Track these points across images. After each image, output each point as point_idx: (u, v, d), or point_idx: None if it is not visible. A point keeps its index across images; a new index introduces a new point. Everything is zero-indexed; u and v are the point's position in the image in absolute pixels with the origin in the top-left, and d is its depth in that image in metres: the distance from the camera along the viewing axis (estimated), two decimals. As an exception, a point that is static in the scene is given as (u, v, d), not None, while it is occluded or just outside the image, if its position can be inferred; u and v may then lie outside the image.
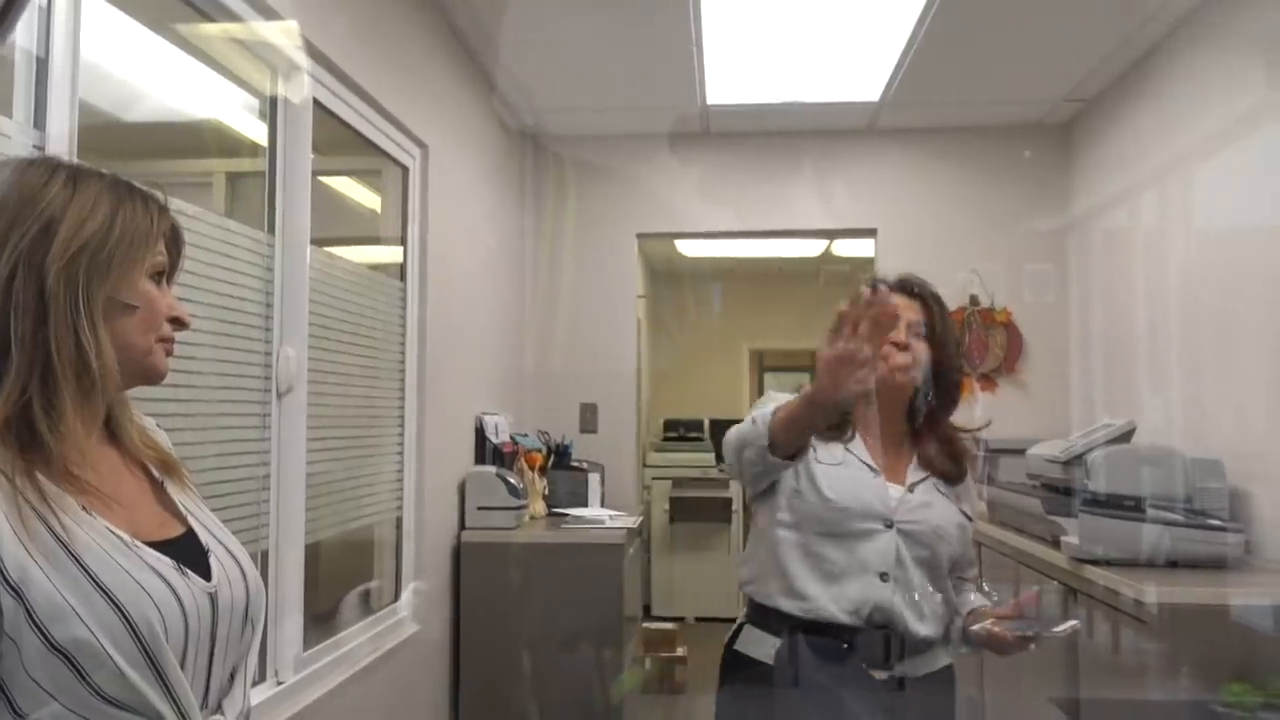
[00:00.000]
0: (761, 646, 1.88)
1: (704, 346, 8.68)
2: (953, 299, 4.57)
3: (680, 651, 5.04)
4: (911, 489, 1.90)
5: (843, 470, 1.88)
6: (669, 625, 5.22)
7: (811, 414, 1.68)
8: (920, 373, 1.91)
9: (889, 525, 1.85)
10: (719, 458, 7.21)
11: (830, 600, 1.83)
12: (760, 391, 9.64)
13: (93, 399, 1.03)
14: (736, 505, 6.62)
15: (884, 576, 1.84)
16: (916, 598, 1.85)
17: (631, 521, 3.91)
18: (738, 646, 1.94)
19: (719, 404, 8.44)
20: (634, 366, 4.98)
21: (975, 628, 1.85)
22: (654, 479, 6.76)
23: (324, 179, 2.85)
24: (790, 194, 4.74)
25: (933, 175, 4.72)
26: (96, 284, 1.02)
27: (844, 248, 6.42)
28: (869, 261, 4.92)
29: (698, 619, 6.40)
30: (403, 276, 3.23)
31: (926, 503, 1.89)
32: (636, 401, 5.14)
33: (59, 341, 0.99)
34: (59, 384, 0.99)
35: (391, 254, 3.26)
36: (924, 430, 1.95)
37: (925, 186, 4.72)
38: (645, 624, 5.11)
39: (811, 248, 6.66)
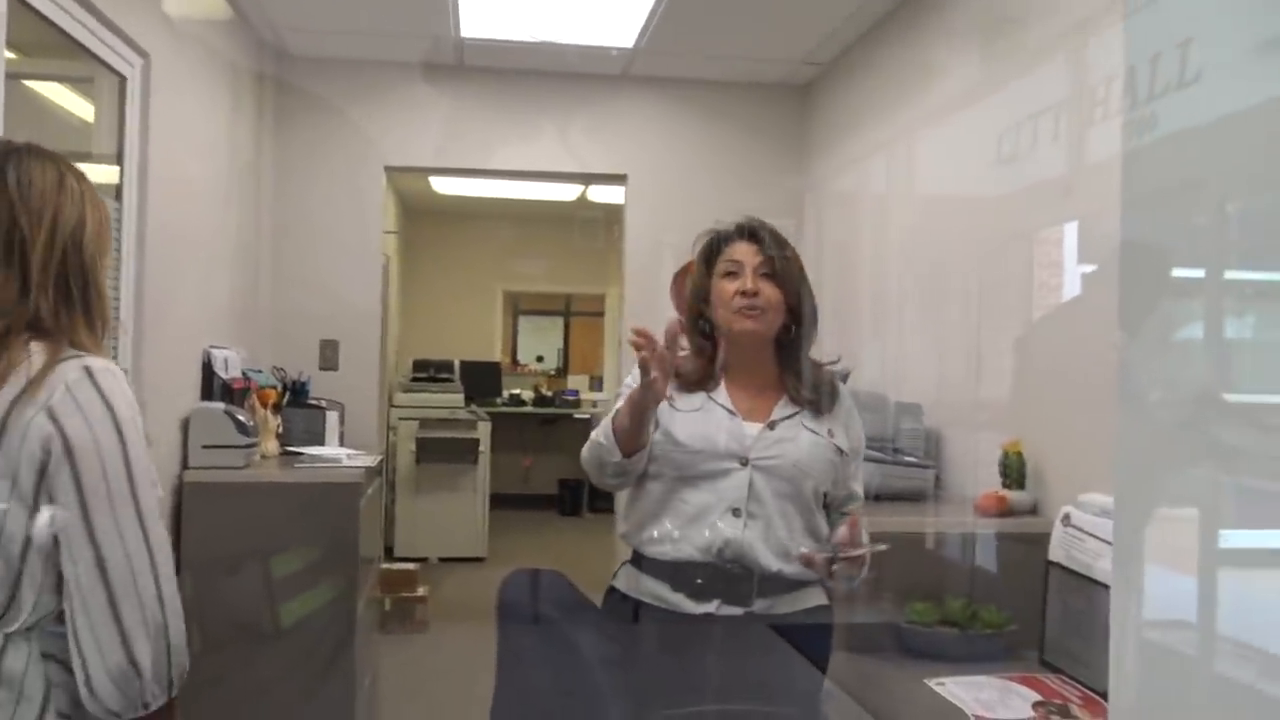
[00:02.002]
0: (632, 584, 1.92)
1: (457, 287, 8.57)
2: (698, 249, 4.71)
3: (421, 591, 5.01)
4: (772, 425, 1.91)
5: (699, 415, 1.90)
6: (410, 565, 5.17)
7: (640, 413, 1.80)
8: (773, 315, 1.92)
9: (744, 463, 1.86)
10: (469, 399, 7.19)
11: (686, 540, 1.86)
12: (514, 334, 9.65)
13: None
14: (484, 446, 6.62)
15: (736, 512, 1.85)
16: (775, 534, 1.86)
17: (371, 461, 3.83)
18: (615, 580, 1.97)
19: (471, 346, 8.39)
20: (379, 304, 4.84)
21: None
22: (400, 419, 6.64)
23: (25, 83, 2.57)
24: (543, 136, 4.72)
25: (683, 126, 4.82)
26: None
27: (598, 194, 6.47)
28: (620, 209, 4.99)
29: (441, 559, 6.38)
30: (119, 196, 2.97)
31: (789, 438, 1.90)
32: (382, 340, 5.00)
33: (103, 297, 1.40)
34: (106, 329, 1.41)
35: (108, 172, 2.99)
36: (787, 366, 1.96)
37: (675, 137, 4.82)
38: (385, 565, 5.03)
39: (567, 192, 6.66)
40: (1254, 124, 0.91)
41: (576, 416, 8.30)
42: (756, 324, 1.92)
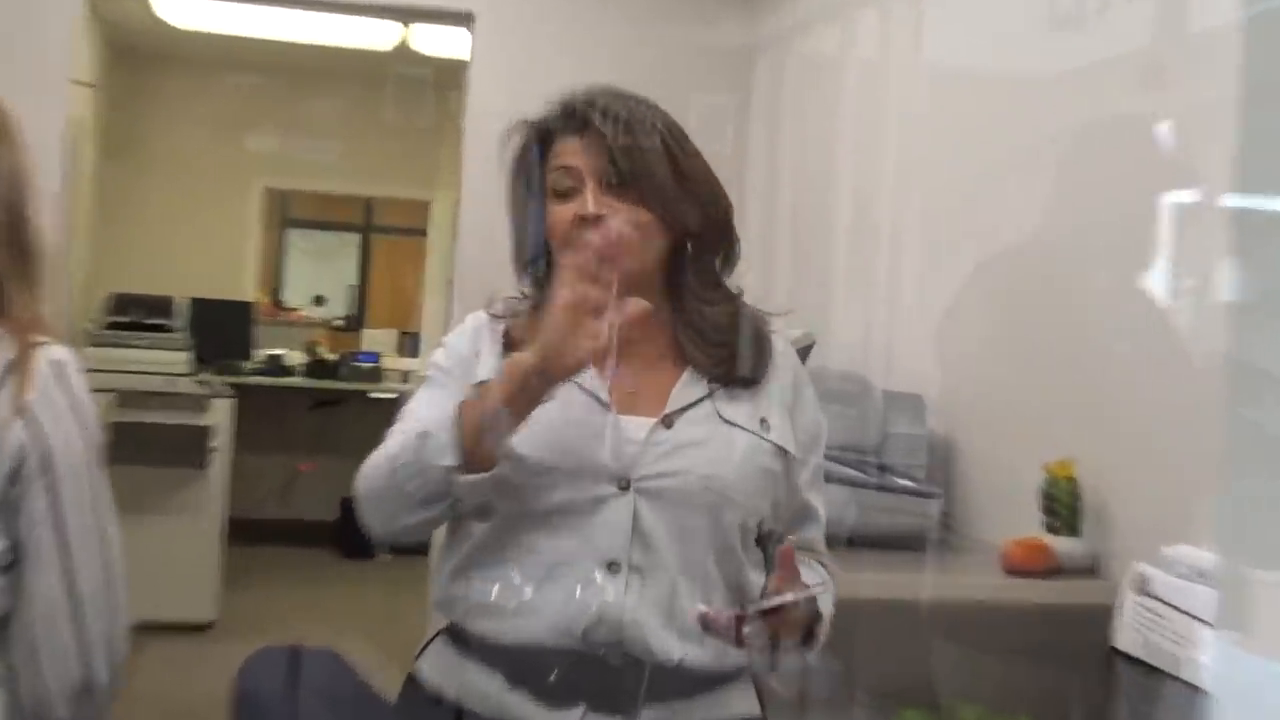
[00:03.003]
0: (447, 675, 1.91)
1: (189, 179, 8.39)
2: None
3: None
4: (669, 421, 1.88)
5: (552, 410, 1.84)
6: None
7: (537, 393, 1.75)
8: (638, 247, 1.85)
9: (625, 485, 1.84)
10: (200, 361, 7.04)
11: (534, 611, 1.84)
12: (279, 258, 9.47)
13: None
14: (221, 439, 6.48)
15: (613, 567, 1.83)
16: (676, 599, 1.84)
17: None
18: (420, 665, 1.98)
19: (206, 275, 8.24)
20: (60, 203, 4.69)
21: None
22: (91, 389, 6.45)
23: None
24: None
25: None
26: None
27: (426, 41, 6.42)
28: (461, 67, 4.96)
29: (143, 625, 6.22)
30: None
31: (696, 439, 1.88)
32: (66, 262, 4.86)
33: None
34: None
35: None
36: (688, 318, 1.93)
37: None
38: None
39: (376, 35, 6.61)
40: None
41: (374, 396, 8.20)
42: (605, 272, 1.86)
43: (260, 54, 7.71)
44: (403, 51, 6.72)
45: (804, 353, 3.29)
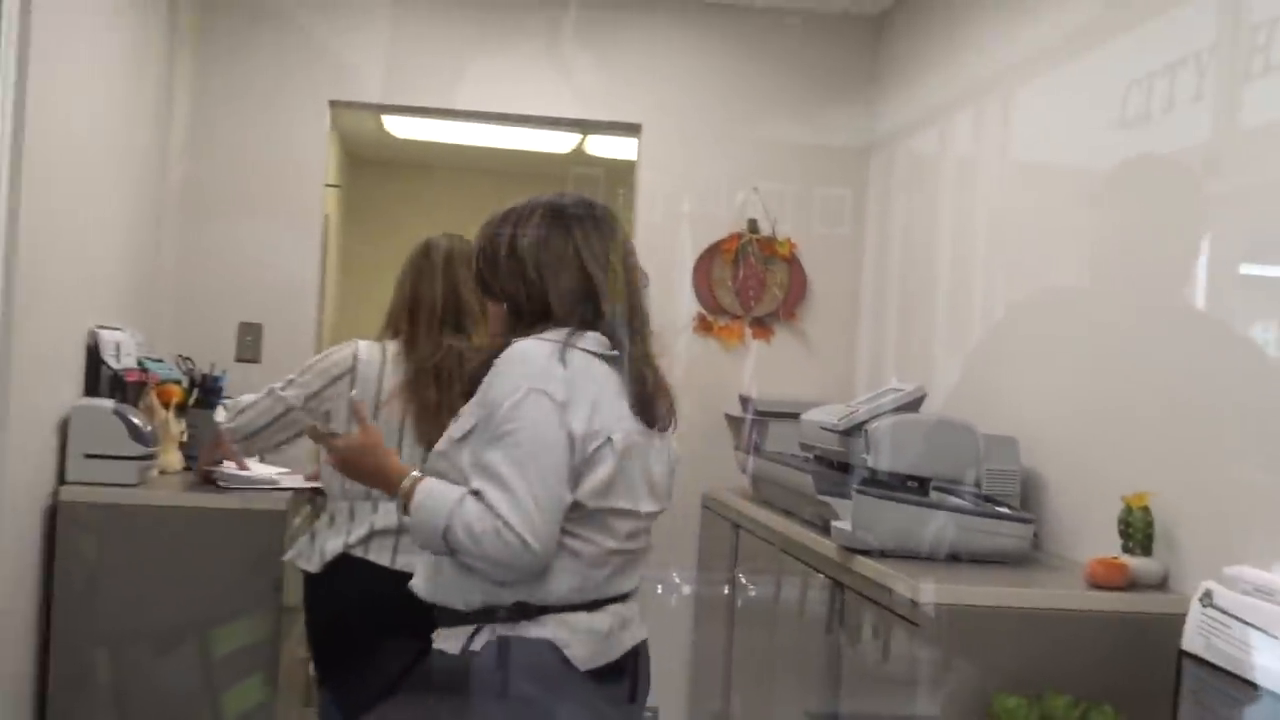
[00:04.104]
0: None
1: (414, 257, 8.53)
2: (728, 221, 4.74)
3: (357, 651, 5.00)
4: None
5: None
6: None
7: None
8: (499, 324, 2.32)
9: None
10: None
11: None
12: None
13: None
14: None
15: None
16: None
17: (302, 481, 3.80)
18: None
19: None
20: (317, 279, 4.83)
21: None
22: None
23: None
24: (533, 70, 4.70)
25: (715, 65, 4.81)
26: None
27: (601, 146, 6.47)
28: (629, 166, 4.99)
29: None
30: (-12, 133, 2.95)
31: None
32: (318, 325, 4.99)
33: None
34: None
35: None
36: None
37: (705, 78, 4.81)
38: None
39: (560, 142, 6.65)
40: None
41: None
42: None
43: (465, 157, 7.84)
44: (580, 154, 6.77)
45: (916, 403, 3.27)
